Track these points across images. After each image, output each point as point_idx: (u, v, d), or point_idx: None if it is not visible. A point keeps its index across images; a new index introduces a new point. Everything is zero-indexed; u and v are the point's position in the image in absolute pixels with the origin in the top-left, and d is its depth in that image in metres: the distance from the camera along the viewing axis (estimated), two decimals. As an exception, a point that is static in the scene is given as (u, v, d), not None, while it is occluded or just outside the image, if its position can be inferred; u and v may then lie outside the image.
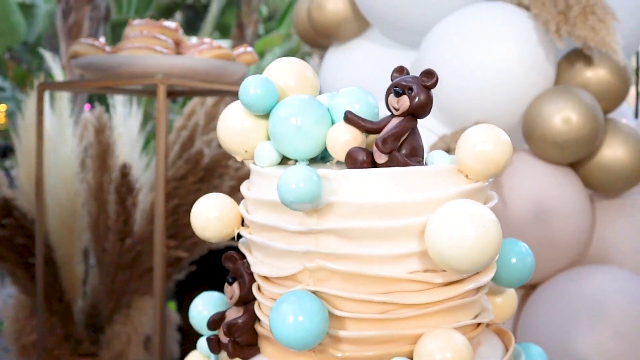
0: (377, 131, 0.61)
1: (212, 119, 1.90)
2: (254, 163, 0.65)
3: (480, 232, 0.52)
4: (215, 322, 0.66)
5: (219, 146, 1.75)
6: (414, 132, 0.60)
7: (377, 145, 0.59)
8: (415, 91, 0.59)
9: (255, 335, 0.64)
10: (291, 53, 5.30)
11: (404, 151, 0.59)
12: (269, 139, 0.64)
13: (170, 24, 1.33)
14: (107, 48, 1.29)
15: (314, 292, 0.57)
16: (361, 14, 1.47)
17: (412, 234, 0.56)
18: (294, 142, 0.61)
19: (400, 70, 0.63)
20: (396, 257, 0.56)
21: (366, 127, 0.60)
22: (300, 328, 0.54)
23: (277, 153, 0.63)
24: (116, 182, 1.60)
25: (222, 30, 6.12)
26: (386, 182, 0.56)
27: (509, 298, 0.72)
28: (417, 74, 0.61)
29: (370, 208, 0.56)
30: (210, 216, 0.65)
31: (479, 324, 0.63)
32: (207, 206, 0.65)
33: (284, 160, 0.65)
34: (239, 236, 0.67)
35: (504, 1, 1.29)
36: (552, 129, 1.19)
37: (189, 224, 1.85)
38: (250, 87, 0.62)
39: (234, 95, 1.42)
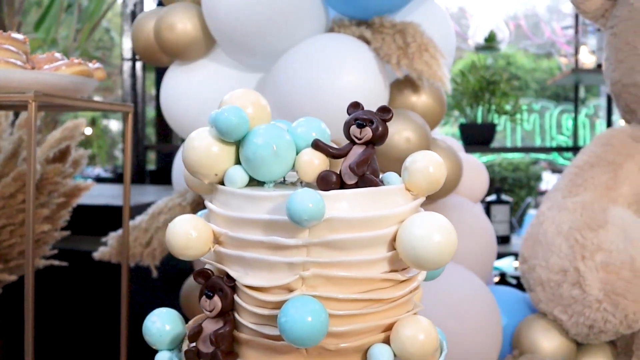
0: (340, 156, 0.72)
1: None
2: (223, 184, 0.72)
3: (445, 237, 0.66)
4: (195, 334, 0.71)
5: (48, 162, 1.66)
6: (373, 157, 0.72)
7: (351, 169, 0.70)
8: (375, 124, 0.71)
9: (232, 343, 0.71)
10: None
11: (368, 173, 0.71)
12: (236, 163, 0.72)
13: (18, 35, 1.26)
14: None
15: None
16: (210, 35, 1.53)
17: (384, 241, 0.68)
18: (270, 167, 0.69)
19: (356, 105, 0.75)
20: (373, 261, 0.68)
21: (333, 153, 0.71)
22: (311, 328, 0.62)
23: (247, 176, 0.72)
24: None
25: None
26: (366, 199, 0.68)
27: (419, 290, 0.88)
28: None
29: (355, 222, 0.67)
30: (192, 236, 0.70)
31: (415, 313, 0.77)
32: (188, 226, 0.70)
33: (250, 183, 0.73)
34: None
35: (347, 34, 1.46)
36: (395, 147, 1.39)
37: (14, 245, 1.74)
38: (230, 116, 0.69)
39: (93, 111, 1.38)
